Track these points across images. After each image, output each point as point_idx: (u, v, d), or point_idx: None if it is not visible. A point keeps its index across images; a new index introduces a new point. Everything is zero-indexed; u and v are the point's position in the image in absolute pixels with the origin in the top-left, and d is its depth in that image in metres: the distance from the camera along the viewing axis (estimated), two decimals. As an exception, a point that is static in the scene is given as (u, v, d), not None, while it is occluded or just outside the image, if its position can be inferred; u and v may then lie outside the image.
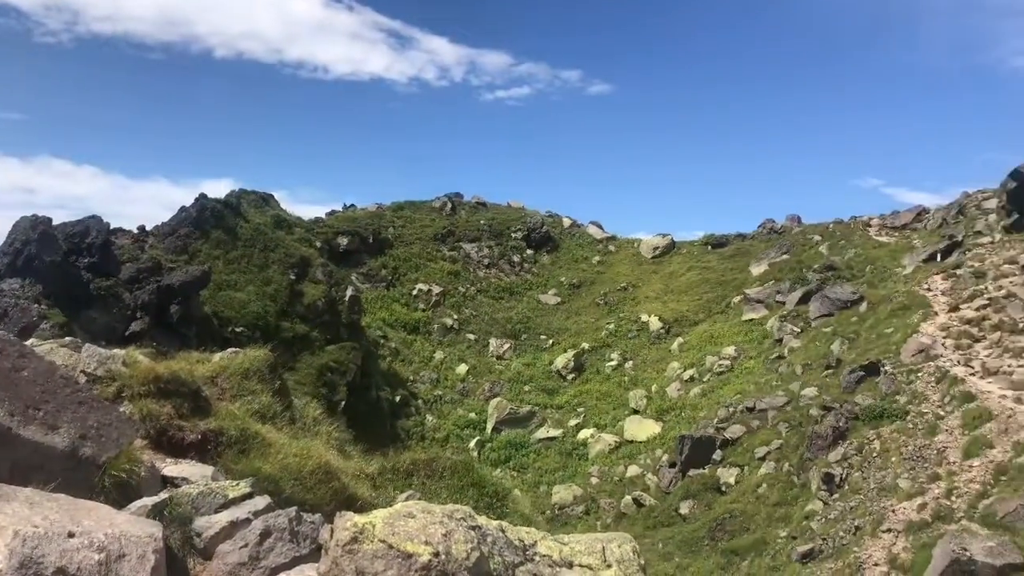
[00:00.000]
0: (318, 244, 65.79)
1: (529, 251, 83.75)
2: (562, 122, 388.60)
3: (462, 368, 61.73)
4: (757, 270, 70.38)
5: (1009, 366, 37.46)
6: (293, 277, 52.27)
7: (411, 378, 58.33)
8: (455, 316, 68.73)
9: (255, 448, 8.76)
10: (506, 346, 66.01)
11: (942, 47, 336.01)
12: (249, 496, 6.92)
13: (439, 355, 62.78)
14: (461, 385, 59.80)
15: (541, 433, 53.54)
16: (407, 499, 7.61)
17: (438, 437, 52.10)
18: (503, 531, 5.18)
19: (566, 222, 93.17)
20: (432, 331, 66.21)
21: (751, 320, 60.96)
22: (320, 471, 8.79)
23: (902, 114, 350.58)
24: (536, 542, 5.31)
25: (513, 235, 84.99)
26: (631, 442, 50.54)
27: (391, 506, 5.05)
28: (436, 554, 4.62)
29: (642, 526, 40.73)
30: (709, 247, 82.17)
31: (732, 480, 40.38)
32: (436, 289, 70.93)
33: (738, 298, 65.69)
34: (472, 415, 56.07)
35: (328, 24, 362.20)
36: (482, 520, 5.12)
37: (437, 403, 56.88)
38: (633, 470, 46.21)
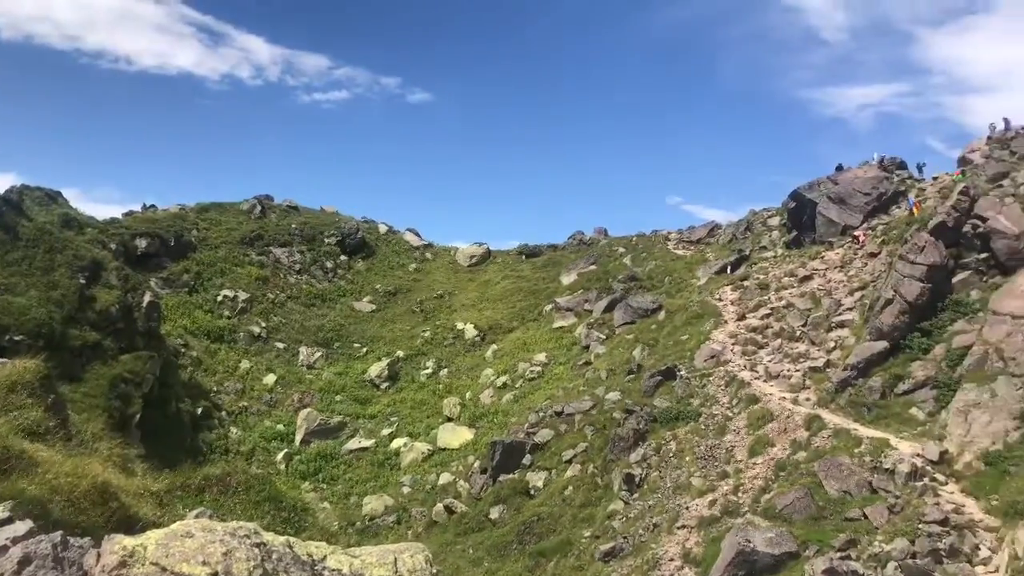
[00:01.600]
0: (113, 246, 61.18)
1: (343, 257, 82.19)
2: (381, 128, 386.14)
3: (270, 378, 59.51)
4: (567, 279, 72.90)
5: (788, 370, 40.93)
6: (83, 281, 48.23)
7: (214, 389, 55.51)
8: (263, 324, 66.14)
9: (19, 468, 7.94)
10: (317, 355, 64.35)
11: (734, 77, 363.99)
12: (8, 521, 6.26)
13: (245, 364, 60.15)
14: (268, 396, 57.59)
15: (353, 444, 52.58)
16: (196, 517, 7.19)
17: (243, 450, 49.86)
18: (291, 547, 4.97)
19: (382, 228, 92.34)
20: (238, 339, 63.32)
21: (561, 327, 62.97)
22: (96, 491, 8.09)
23: (701, 137, 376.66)
24: (326, 556, 5.15)
25: (327, 240, 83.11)
26: (444, 450, 50.70)
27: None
28: (215, 575, 4.37)
29: (453, 532, 40.95)
30: (523, 257, 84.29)
31: (540, 484, 41.44)
32: (243, 295, 67.95)
33: (549, 306, 67.72)
34: (280, 427, 54.15)
35: (131, 13, 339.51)
36: (268, 537, 4.89)
37: (242, 415, 54.45)
38: (445, 477, 46.37)
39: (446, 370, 62.22)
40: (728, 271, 59.55)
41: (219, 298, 66.89)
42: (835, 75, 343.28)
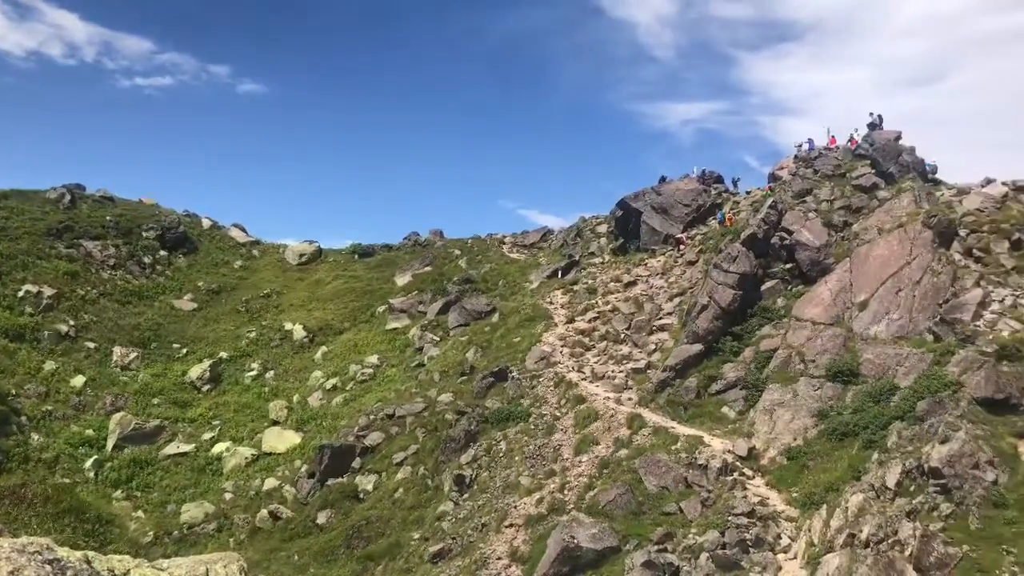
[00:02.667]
0: None
1: (163, 252, 77.58)
2: (208, 118, 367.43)
3: (78, 380, 55.19)
4: (402, 280, 72.38)
5: (612, 371, 42.56)
6: None
7: (13, 392, 50.79)
8: (71, 322, 61.29)
9: None
10: (133, 355, 60.36)
11: (569, 88, 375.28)
12: None
13: (50, 365, 55.47)
14: (77, 399, 53.36)
15: (171, 449, 49.70)
16: (-17, 532, 6.50)
17: (45, 458, 45.88)
18: (89, 562, 4.59)
19: (206, 223, 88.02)
20: (42, 338, 58.29)
21: (395, 329, 62.42)
22: None
23: (536, 144, 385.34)
24: (129, 571, 4.79)
25: (145, 234, 78.14)
26: (270, 454, 48.95)
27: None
28: (-1, 595, 3.96)
29: (278, 539, 39.63)
30: (356, 256, 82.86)
31: (370, 487, 40.88)
32: (48, 291, 62.66)
33: (383, 307, 66.94)
34: (89, 432, 50.26)
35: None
36: (63, 552, 4.48)
37: (45, 420, 50.10)
38: (271, 483, 44.80)
39: (273, 372, 60.12)
40: (559, 276, 61.18)
41: (20, 294, 61.37)
42: (663, 91, 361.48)
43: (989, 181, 48.20)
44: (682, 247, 54.84)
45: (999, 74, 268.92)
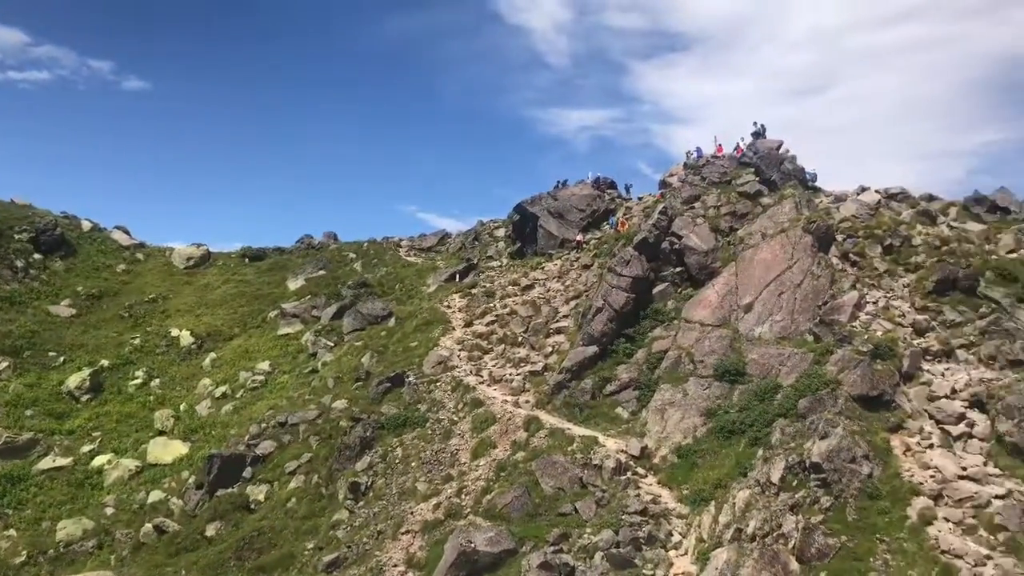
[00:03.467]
0: None
1: (37, 256, 73.34)
2: (89, 116, 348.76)
3: (-58, 391, 51.68)
4: (294, 285, 70.73)
5: (510, 374, 42.75)
6: None
7: None
8: (-65, 330, 57.35)
9: None
10: (4, 364, 56.89)
11: (466, 92, 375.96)
12: None
13: (-90, 376, 51.78)
14: (-60, 412, 49.95)
15: (46, 463, 47.00)
16: None
17: (-95, 476, 42.76)
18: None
19: (86, 225, 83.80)
20: (-100, 348, 54.34)
21: (287, 334, 60.92)
22: None
23: (434, 147, 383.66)
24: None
25: (17, 236, 73.75)
26: (155, 466, 46.96)
27: None
28: None
29: (164, 554, 37.99)
30: (247, 259, 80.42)
31: (262, 497, 39.74)
32: (-92, 297, 58.47)
33: (275, 312, 65.22)
34: (-46, 447, 47.08)
35: None
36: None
37: (-97, 435, 46.70)
38: (156, 495, 42.97)
39: (158, 380, 57.70)
40: (457, 279, 61.11)
41: None
42: (558, 97, 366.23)
43: (864, 189, 50.92)
44: (583, 248, 55.68)
45: (877, 86, 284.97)
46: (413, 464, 37.03)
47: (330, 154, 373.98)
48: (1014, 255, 41.39)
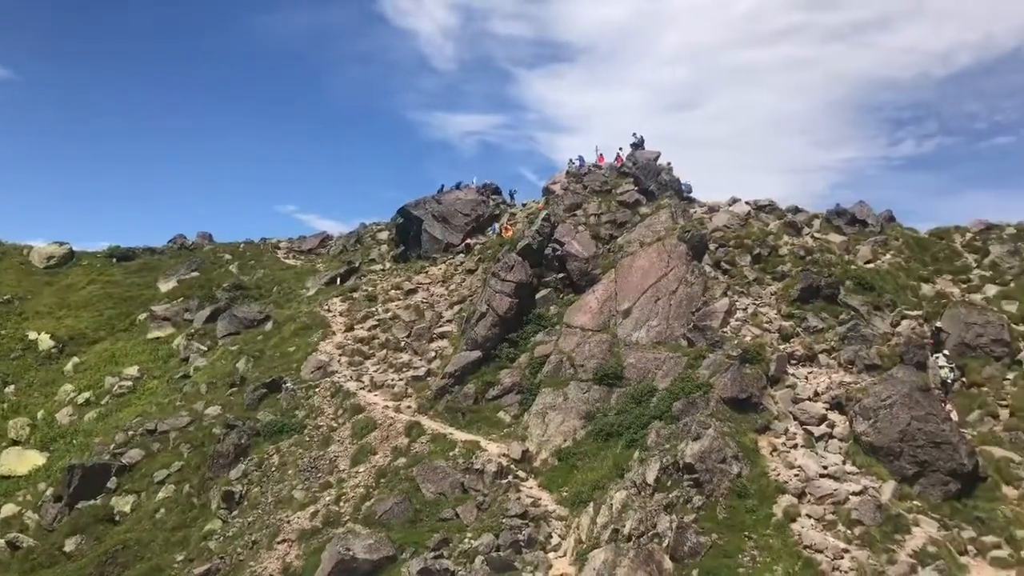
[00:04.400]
0: None
1: None
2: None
3: None
4: (166, 286, 67.78)
5: (392, 380, 42.33)
6: None
7: None
8: None
9: None
10: None
11: (350, 92, 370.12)
12: None
13: None
14: None
15: None
16: None
17: None
18: None
19: (-68, 221, 77.89)
20: None
21: (157, 338, 58.32)
22: None
23: (317, 147, 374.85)
24: None
25: None
26: (8, 478, 44.08)
27: None
28: None
29: (17, 571, 35.64)
30: (114, 259, 76.34)
31: (128, 509, 37.83)
32: None
33: (144, 315, 62.30)
34: None
35: None
36: None
37: None
38: (9, 509, 40.28)
39: (13, 386, 54.10)
40: (338, 283, 60.03)
41: None
42: (444, 102, 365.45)
43: (735, 200, 53.24)
44: (472, 252, 55.71)
45: (748, 103, 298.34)
46: (290, 472, 36.11)
47: (205, 152, 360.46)
48: (871, 265, 44.21)
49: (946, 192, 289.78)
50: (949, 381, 34.20)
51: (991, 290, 41.50)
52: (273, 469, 36.71)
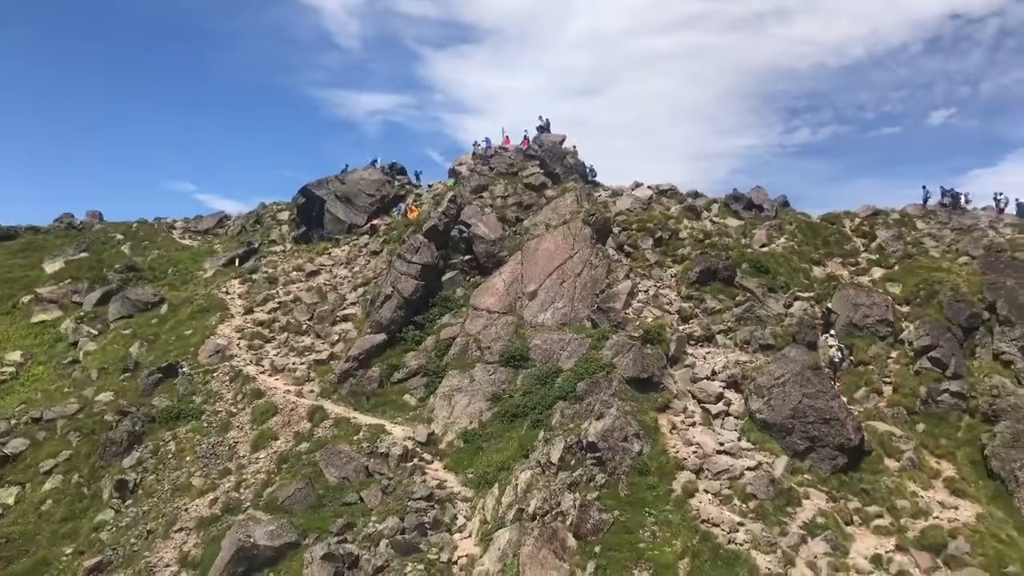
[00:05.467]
0: None
1: None
2: None
3: None
4: (52, 268, 64.37)
5: (293, 363, 41.49)
6: None
7: None
8: None
9: None
10: None
11: (248, 68, 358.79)
12: None
13: None
14: None
15: None
16: None
17: None
18: None
19: None
20: None
21: (43, 322, 55.40)
22: None
23: (214, 125, 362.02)
24: None
25: None
26: None
27: None
28: None
29: None
30: (-6, 239, 72.20)
31: (12, 501, 35.88)
32: None
33: (28, 298, 59.06)
34: None
35: None
36: None
37: None
38: None
39: None
40: (236, 264, 58.31)
41: None
42: (348, 79, 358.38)
43: (637, 185, 54.25)
44: (377, 232, 54.91)
45: (652, 89, 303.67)
46: (188, 458, 35.03)
47: (94, 127, 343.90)
48: (766, 249, 45.77)
49: (838, 179, 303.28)
50: (837, 360, 35.89)
51: (877, 272, 43.62)
52: (169, 456, 35.54)
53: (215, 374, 40.70)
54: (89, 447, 37.17)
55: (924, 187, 53.37)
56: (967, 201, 52.07)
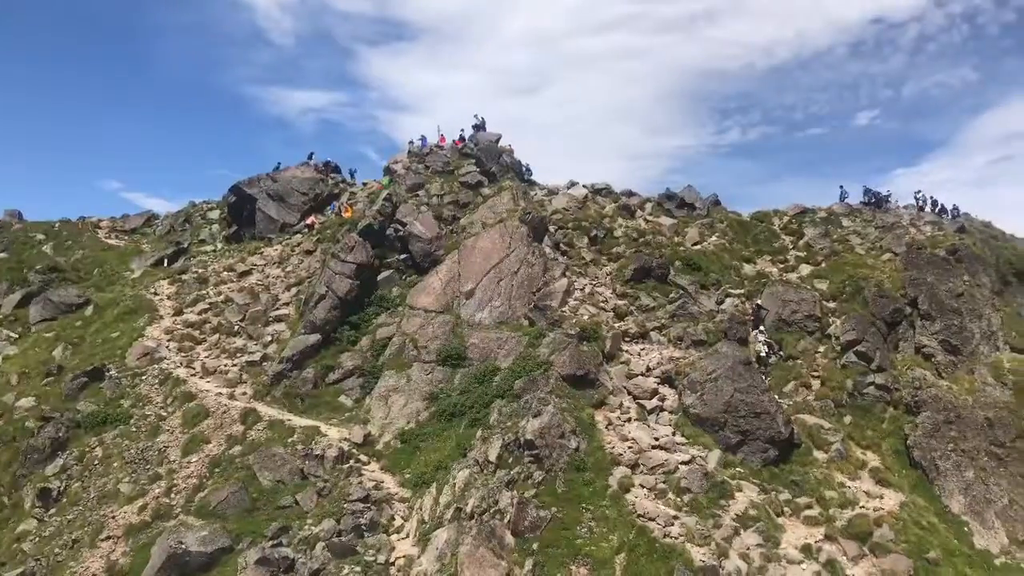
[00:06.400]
0: None
1: None
2: None
3: None
4: (-32, 269, 61.86)
5: (225, 365, 40.64)
6: None
7: None
8: None
9: None
10: None
11: (177, 64, 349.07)
12: None
13: None
14: None
15: None
16: None
17: None
18: None
19: None
20: None
21: (-42, 326, 53.22)
22: None
23: (141, 122, 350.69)
24: None
25: None
26: None
27: None
28: None
29: None
30: (-96, 239, 68.90)
31: (-75, 513, 34.44)
32: None
33: (-58, 300, 56.66)
34: None
35: None
36: None
37: None
38: None
39: None
40: (165, 264, 56.84)
41: None
42: (281, 76, 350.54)
43: (573, 184, 54.64)
44: (313, 231, 54.08)
45: (587, 89, 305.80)
46: (115, 464, 34.03)
47: (11, 122, 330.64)
48: (698, 247, 46.62)
49: (768, 178, 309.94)
50: (764, 355, 36.80)
51: (805, 269, 44.78)
52: (96, 462, 34.47)
53: (144, 377, 39.62)
54: (10, 455, 35.82)
55: (841, 187, 55.20)
56: (887, 200, 53.78)
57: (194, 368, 40.48)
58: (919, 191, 54.17)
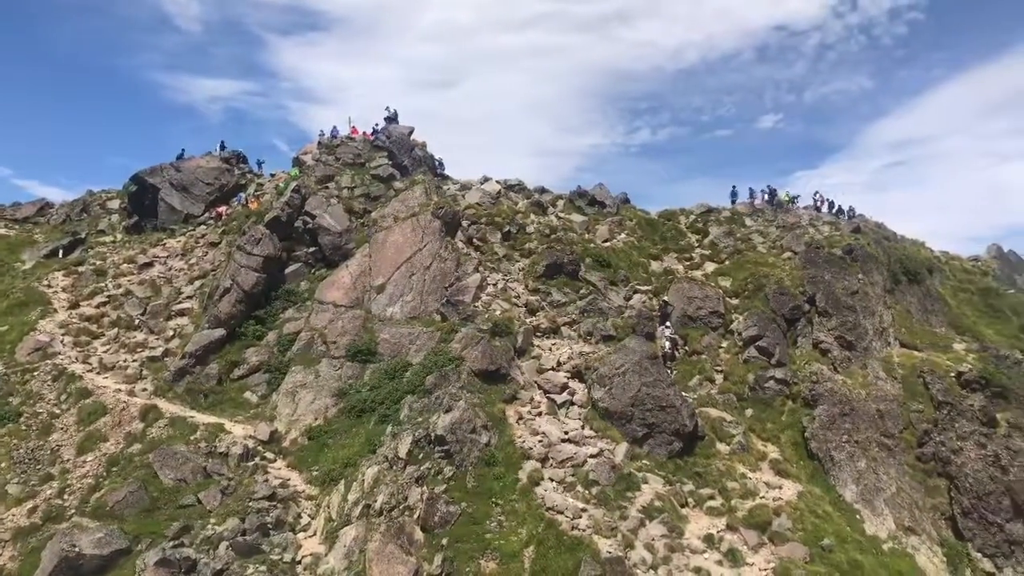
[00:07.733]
0: None
1: None
2: None
3: None
4: None
5: (125, 360, 39.15)
6: None
7: None
8: None
9: None
10: None
11: (74, 47, 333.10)
12: None
13: None
14: None
15: None
16: None
17: None
18: None
19: None
20: None
21: None
22: None
23: (36, 107, 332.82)
24: None
25: None
26: None
27: None
28: None
29: None
30: None
31: None
32: None
33: None
34: None
35: None
36: None
37: None
38: None
39: None
40: (60, 255, 54.31)
41: None
42: (188, 63, 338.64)
43: (487, 179, 54.70)
44: (224, 214, 52.46)
45: (501, 86, 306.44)
46: (3, 465, 32.35)
47: None
48: (608, 244, 47.39)
49: (676, 178, 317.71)
50: (668, 350, 37.72)
51: (710, 267, 46.08)
52: (-19, 463, 32.70)
53: (35, 373, 37.78)
54: None
55: (734, 187, 57.35)
56: (789, 200, 55.76)
57: (91, 364, 38.86)
58: (817, 192, 56.56)
